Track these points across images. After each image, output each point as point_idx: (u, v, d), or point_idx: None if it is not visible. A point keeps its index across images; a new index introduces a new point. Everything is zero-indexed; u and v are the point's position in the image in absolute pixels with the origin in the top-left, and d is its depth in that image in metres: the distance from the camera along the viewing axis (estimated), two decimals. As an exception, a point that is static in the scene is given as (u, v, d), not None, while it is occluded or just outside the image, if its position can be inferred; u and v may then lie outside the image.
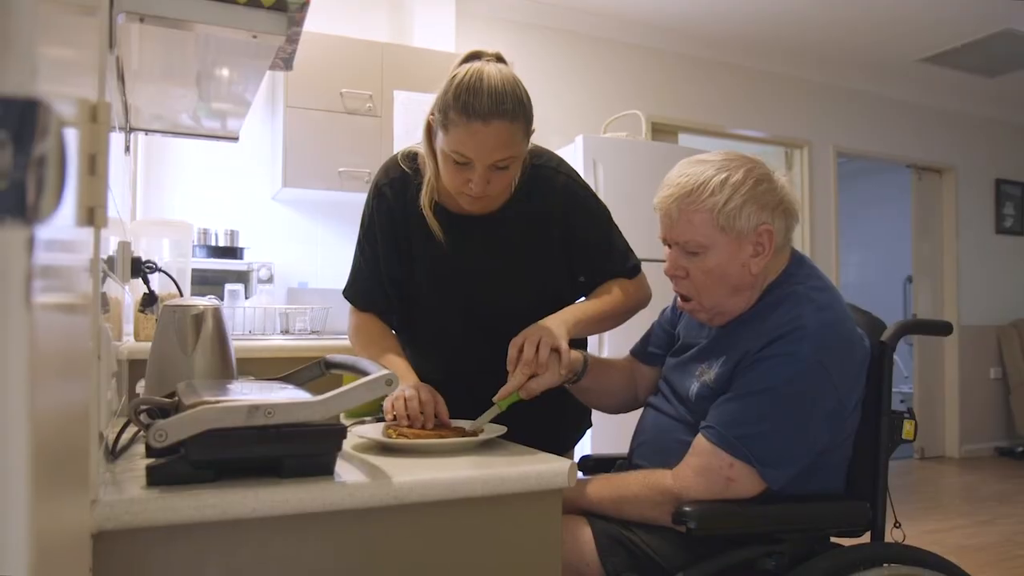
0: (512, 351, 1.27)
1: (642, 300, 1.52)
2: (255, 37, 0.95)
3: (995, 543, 3.60)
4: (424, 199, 1.40)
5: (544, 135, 4.07)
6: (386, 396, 1.14)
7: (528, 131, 1.29)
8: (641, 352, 1.53)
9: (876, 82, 5.52)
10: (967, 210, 6.02)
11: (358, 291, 1.51)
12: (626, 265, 1.51)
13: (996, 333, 6.06)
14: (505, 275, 1.45)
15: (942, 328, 1.44)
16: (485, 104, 1.21)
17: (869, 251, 7.35)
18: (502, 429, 1.18)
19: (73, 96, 0.59)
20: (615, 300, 1.45)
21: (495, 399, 1.26)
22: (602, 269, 1.49)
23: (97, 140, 0.59)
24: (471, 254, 1.44)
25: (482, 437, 1.13)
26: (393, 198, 1.44)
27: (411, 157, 1.45)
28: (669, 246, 1.30)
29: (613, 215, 1.52)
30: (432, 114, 1.30)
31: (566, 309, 1.38)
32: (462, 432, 1.17)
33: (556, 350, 1.26)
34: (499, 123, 1.22)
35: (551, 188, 1.43)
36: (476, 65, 1.25)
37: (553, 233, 1.44)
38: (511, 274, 1.45)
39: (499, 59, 1.29)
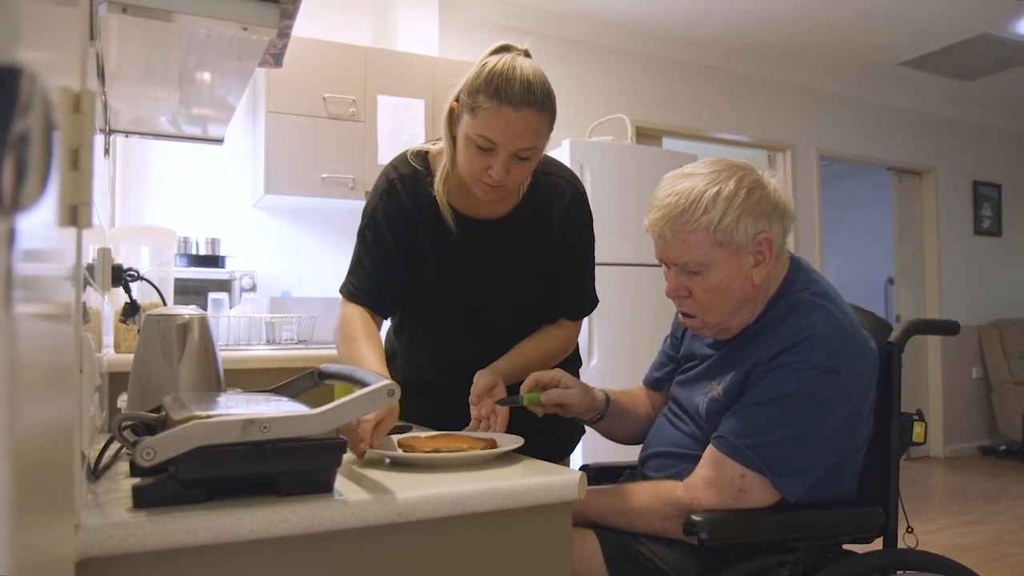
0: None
1: (565, 353, 1.51)
2: (246, 30, 0.90)
3: (985, 542, 3.60)
4: (439, 186, 1.38)
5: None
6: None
7: (551, 127, 1.30)
8: (651, 381, 1.53)
9: (858, 85, 5.55)
10: (946, 212, 6.08)
11: (354, 281, 1.44)
12: (580, 306, 1.51)
13: (977, 333, 6.11)
14: (502, 279, 1.45)
15: (950, 328, 1.41)
16: (517, 91, 1.23)
17: (851, 253, 7.38)
18: (519, 441, 1.12)
19: (53, 85, 0.54)
20: (549, 351, 1.47)
21: (522, 390, 1.30)
22: (560, 298, 1.49)
23: (81, 132, 0.54)
24: (474, 255, 1.43)
25: (500, 449, 1.06)
26: (404, 193, 1.42)
27: (421, 155, 1.44)
28: (667, 266, 1.26)
29: (600, 219, 1.53)
30: (456, 99, 1.30)
31: (507, 357, 1.40)
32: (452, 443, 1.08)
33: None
34: (528, 111, 1.23)
35: (560, 198, 1.44)
36: (508, 56, 1.27)
37: (549, 243, 1.44)
38: (507, 279, 1.45)
39: (527, 54, 1.30)
